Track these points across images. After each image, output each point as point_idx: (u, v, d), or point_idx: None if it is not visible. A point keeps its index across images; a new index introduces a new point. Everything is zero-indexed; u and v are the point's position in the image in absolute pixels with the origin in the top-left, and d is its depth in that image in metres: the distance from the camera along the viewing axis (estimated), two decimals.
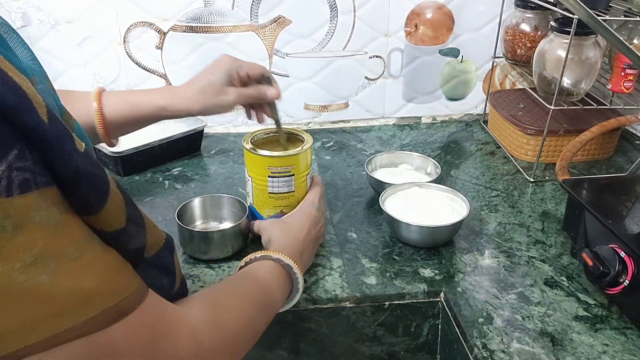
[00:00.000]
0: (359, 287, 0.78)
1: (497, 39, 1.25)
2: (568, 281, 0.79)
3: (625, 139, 1.21)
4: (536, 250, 0.86)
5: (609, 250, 0.70)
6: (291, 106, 1.29)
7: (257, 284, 0.60)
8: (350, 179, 1.08)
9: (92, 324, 0.36)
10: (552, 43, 1.04)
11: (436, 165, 1.02)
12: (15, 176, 0.32)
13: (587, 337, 0.69)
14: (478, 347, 0.68)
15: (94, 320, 0.36)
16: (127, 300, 0.39)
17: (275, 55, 1.23)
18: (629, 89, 1.05)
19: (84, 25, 1.15)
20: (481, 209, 0.97)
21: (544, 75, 1.07)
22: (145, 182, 1.06)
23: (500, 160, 1.16)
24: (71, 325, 0.35)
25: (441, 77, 1.30)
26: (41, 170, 0.34)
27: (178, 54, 1.19)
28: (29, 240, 0.33)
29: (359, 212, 0.97)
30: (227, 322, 0.50)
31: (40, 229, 0.33)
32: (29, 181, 0.33)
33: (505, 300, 0.75)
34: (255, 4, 1.17)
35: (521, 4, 1.17)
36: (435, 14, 1.23)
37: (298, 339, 0.80)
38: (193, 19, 1.17)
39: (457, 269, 0.82)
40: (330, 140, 1.25)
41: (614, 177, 1.05)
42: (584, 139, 1.03)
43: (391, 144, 1.23)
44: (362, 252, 0.86)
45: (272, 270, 0.64)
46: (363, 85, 1.29)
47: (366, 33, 1.23)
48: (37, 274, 0.33)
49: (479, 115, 1.35)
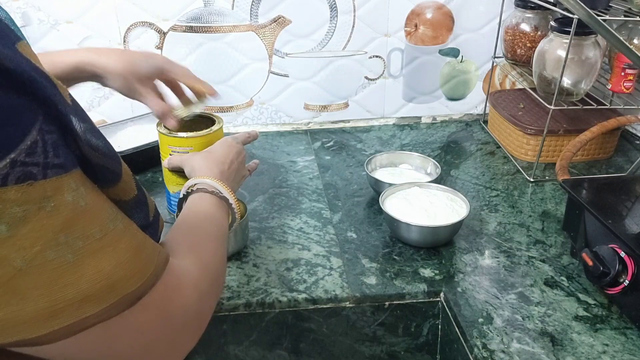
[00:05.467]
0: (359, 287, 0.78)
1: (497, 39, 1.25)
2: (568, 281, 0.79)
3: (625, 139, 1.21)
4: (536, 250, 0.86)
5: (609, 250, 0.70)
6: (291, 106, 1.29)
7: (212, 220, 0.62)
8: (350, 179, 1.08)
9: (112, 310, 0.37)
10: (552, 43, 1.04)
11: (436, 165, 1.02)
12: (50, 159, 0.33)
13: (587, 337, 0.69)
14: (478, 347, 0.68)
15: (114, 306, 0.37)
16: (145, 285, 0.40)
17: (275, 55, 1.23)
18: (629, 89, 1.05)
19: (84, 25, 1.15)
20: (481, 209, 0.97)
21: (544, 75, 1.07)
22: (145, 182, 1.06)
23: (500, 160, 1.16)
24: (94, 311, 0.36)
25: (441, 77, 1.30)
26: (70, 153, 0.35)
27: (178, 54, 1.19)
28: (63, 221, 0.34)
29: (359, 212, 0.97)
30: (210, 263, 0.52)
31: (72, 209, 0.34)
32: (63, 164, 0.34)
33: (505, 300, 0.75)
34: (255, 4, 1.17)
35: (521, 4, 1.17)
36: (435, 14, 1.23)
37: (298, 339, 0.80)
38: (193, 19, 1.17)
39: (457, 269, 0.82)
40: (330, 140, 1.25)
41: (614, 177, 1.05)
42: (584, 139, 1.03)
43: (391, 144, 1.23)
44: (362, 252, 0.86)
45: (214, 202, 0.65)
46: (363, 85, 1.29)
47: (366, 33, 1.23)
48: (65, 253, 0.34)
49: (479, 115, 1.35)
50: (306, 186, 1.05)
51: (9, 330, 0.33)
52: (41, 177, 0.33)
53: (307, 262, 0.83)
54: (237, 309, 0.76)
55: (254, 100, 1.27)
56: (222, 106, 1.26)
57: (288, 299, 0.77)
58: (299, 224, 0.93)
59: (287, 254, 0.85)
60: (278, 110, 1.29)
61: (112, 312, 0.37)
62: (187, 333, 0.45)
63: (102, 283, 0.36)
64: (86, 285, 0.35)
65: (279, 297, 0.77)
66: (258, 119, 1.29)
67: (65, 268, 0.34)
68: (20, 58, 0.32)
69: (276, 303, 0.76)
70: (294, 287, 0.78)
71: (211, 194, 0.65)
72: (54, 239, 0.33)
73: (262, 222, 0.93)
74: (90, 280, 0.35)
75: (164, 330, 0.42)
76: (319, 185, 1.05)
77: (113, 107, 1.21)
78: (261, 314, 0.77)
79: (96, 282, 0.35)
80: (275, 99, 1.27)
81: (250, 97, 1.26)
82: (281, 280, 0.80)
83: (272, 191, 1.03)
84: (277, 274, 0.81)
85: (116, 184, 0.40)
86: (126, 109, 1.21)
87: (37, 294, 0.33)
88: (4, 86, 0.31)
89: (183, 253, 0.49)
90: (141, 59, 0.78)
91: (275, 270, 0.82)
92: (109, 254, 0.37)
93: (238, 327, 0.78)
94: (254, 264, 0.83)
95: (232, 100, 1.26)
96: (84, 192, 0.36)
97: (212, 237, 0.58)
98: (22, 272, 0.32)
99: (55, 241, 0.33)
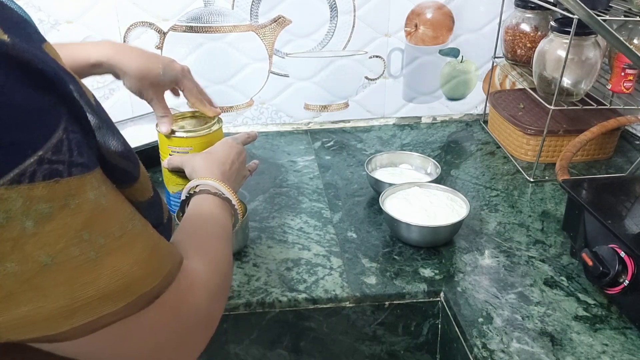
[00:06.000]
0: (359, 286, 0.78)
1: (497, 39, 1.25)
2: (568, 281, 0.79)
3: (625, 139, 1.21)
4: (536, 250, 0.86)
5: (609, 250, 0.70)
6: (291, 106, 1.29)
7: (216, 221, 0.62)
8: (350, 178, 1.08)
9: (129, 309, 0.37)
10: (552, 43, 1.04)
11: (436, 165, 1.02)
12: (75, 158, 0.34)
13: (586, 337, 0.69)
14: (478, 346, 0.68)
15: (131, 305, 0.37)
16: (161, 285, 0.40)
17: (275, 55, 1.23)
18: (628, 89, 1.05)
19: (84, 25, 1.15)
20: (481, 209, 0.97)
21: (544, 76, 1.07)
22: None
23: (500, 160, 1.16)
24: (111, 310, 0.36)
25: (441, 77, 1.30)
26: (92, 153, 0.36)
27: (178, 54, 1.19)
28: (86, 218, 0.34)
29: (359, 211, 0.97)
30: (217, 264, 0.53)
31: (94, 207, 0.35)
32: (86, 163, 0.35)
33: (505, 300, 0.75)
34: (255, 4, 1.17)
35: (521, 4, 1.17)
36: (435, 14, 1.23)
37: (298, 338, 0.80)
38: (193, 19, 1.17)
39: (457, 269, 0.82)
40: (331, 140, 1.25)
41: (614, 177, 1.05)
42: (583, 139, 1.03)
43: (391, 144, 1.23)
44: (362, 252, 0.86)
45: (217, 203, 0.65)
46: (363, 85, 1.29)
47: (366, 33, 1.23)
48: (88, 250, 0.34)
49: (479, 115, 1.35)
50: (306, 186, 1.05)
51: (30, 327, 0.34)
52: (66, 174, 0.33)
53: (307, 262, 0.83)
54: (237, 309, 0.76)
55: (254, 100, 1.27)
56: (222, 106, 1.26)
57: (288, 299, 0.77)
58: (299, 224, 0.93)
59: (287, 253, 0.85)
60: (278, 110, 1.29)
61: (128, 311, 0.37)
62: (197, 334, 0.46)
63: (120, 282, 0.36)
64: (105, 284, 0.35)
65: (279, 296, 0.77)
66: (258, 119, 1.29)
67: (87, 266, 0.34)
68: (49, 59, 0.33)
69: (276, 303, 0.77)
70: (294, 286, 0.78)
71: (214, 195, 0.66)
72: (78, 236, 0.34)
73: (263, 221, 0.94)
74: (108, 279, 0.36)
75: (176, 331, 0.43)
76: (319, 185, 1.06)
77: (113, 107, 1.21)
78: (261, 314, 0.77)
79: (114, 280, 0.36)
80: (275, 99, 1.27)
81: (250, 97, 1.26)
82: (281, 279, 0.80)
83: (273, 191, 1.03)
84: (277, 274, 0.81)
85: (132, 185, 0.41)
86: (126, 109, 1.21)
87: (58, 291, 0.33)
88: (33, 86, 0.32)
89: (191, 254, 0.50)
90: (160, 67, 0.79)
91: (275, 270, 0.82)
92: (127, 253, 0.37)
93: (238, 326, 0.78)
94: (254, 263, 0.83)
95: (232, 100, 1.26)
96: (105, 191, 0.36)
97: (218, 237, 0.58)
98: (46, 268, 0.33)
99: (78, 238, 0.34)
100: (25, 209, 0.31)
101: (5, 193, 0.31)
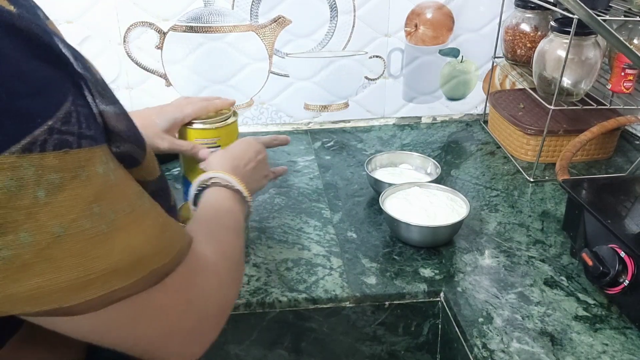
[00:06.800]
0: (359, 286, 0.78)
1: (497, 39, 1.25)
2: (568, 281, 0.79)
3: (625, 139, 1.21)
4: (536, 250, 0.86)
5: (609, 250, 0.70)
6: (291, 106, 1.29)
7: (228, 212, 0.63)
8: (350, 179, 1.08)
9: (139, 285, 0.38)
10: (552, 43, 1.04)
11: (436, 165, 1.02)
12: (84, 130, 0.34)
13: (586, 337, 0.69)
14: (478, 346, 0.68)
15: (142, 281, 0.38)
16: (171, 263, 0.41)
17: (275, 55, 1.23)
18: (628, 89, 1.05)
19: (84, 25, 1.15)
20: (481, 209, 0.97)
21: (544, 76, 1.07)
22: None
23: (500, 160, 1.16)
24: (122, 285, 0.37)
25: (441, 77, 1.30)
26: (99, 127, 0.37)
27: (178, 54, 1.19)
28: (96, 191, 0.35)
29: (359, 212, 0.97)
30: (228, 253, 0.53)
31: (103, 181, 0.36)
32: (94, 136, 0.35)
33: (505, 299, 0.75)
34: (255, 4, 1.17)
35: (521, 4, 1.17)
36: (435, 14, 1.23)
37: (299, 338, 0.80)
38: (193, 19, 1.17)
39: (457, 269, 0.82)
40: (331, 140, 1.25)
41: (614, 177, 1.05)
42: (583, 139, 1.03)
43: (391, 144, 1.23)
44: (362, 252, 0.86)
45: (229, 195, 0.66)
46: (363, 85, 1.29)
47: (366, 33, 1.23)
48: (99, 223, 0.35)
49: (479, 115, 1.35)
50: (306, 186, 1.05)
51: (44, 298, 0.34)
52: (76, 146, 0.34)
53: (307, 262, 0.83)
54: (237, 309, 0.76)
55: (254, 100, 1.27)
56: None
57: (288, 299, 0.77)
58: (299, 224, 0.93)
59: (287, 253, 0.85)
60: (278, 110, 1.29)
61: (139, 287, 0.38)
62: (207, 322, 0.46)
63: (131, 257, 0.37)
64: (116, 258, 0.36)
65: (279, 297, 0.77)
66: (258, 119, 1.29)
67: (99, 239, 0.35)
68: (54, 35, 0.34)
69: (276, 303, 0.77)
70: (294, 287, 0.78)
71: (225, 187, 0.66)
72: (88, 209, 0.34)
73: (262, 222, 0.94)
74: (120, 253, 0.36)
75: (185, 315, 0.43)
76: (319, 185, 1.06)
77: None
78: (261, 314, 0.77)
79: (125, 255, 0.36)
80: (275, 99, 1.27)
81: (250, 97, 1.26)
82: (281, 280, 0.80)
83: (273, 191, 1.03)
84: (277, 274, 0.81)
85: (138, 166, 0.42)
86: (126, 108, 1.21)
87: (71, 263, 0.34)
88: (41, 58, 0.33)
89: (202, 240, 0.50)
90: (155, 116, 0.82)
91: (275, 270, 0.82)
92: (137, 229, 0.38)
93: (238, 326, 0.78)
94: (254, 263, 0.83)
95: None
96: (113, 167, 0.37)
97: (230, 228, 0.59)
98: (59, 239, 0.33)
99: (89, 210, 0.34)
100: (37, 177, 0.32)
101: (17, 161, 0.31)
